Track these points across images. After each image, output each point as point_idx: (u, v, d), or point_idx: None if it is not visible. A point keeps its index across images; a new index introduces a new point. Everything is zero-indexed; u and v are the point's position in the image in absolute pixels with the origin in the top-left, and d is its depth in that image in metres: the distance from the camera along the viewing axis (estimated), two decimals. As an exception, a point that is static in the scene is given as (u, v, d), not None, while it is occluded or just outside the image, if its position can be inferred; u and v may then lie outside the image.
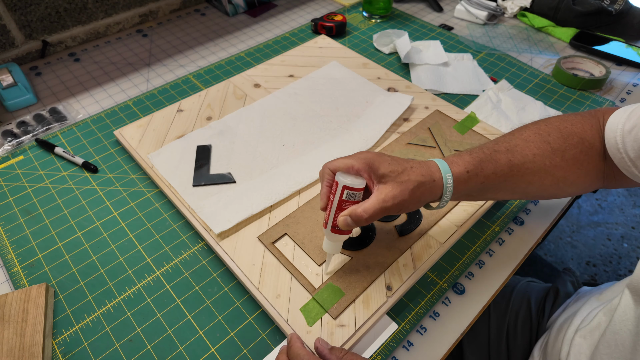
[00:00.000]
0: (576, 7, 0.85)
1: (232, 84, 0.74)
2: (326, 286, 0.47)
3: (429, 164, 0.42)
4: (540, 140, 0.44)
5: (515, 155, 0.43)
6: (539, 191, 0.46)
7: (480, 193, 0.44)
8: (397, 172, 0.40)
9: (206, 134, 0.64)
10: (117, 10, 0.88)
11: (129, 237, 0.54)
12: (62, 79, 0.78)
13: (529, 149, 0.43)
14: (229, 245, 0.51)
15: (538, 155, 0.43)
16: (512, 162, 0.43)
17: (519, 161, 0.43)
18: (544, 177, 0.44)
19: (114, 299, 0.48)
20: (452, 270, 0.50)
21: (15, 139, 0.65)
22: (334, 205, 0.42)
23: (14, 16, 0.76)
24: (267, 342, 0.45)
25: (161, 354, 0.44)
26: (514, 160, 0.43)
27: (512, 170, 0.43)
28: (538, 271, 1.31)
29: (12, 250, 0.52)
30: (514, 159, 0.43)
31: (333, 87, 0.72)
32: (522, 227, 0.56)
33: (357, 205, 0.41)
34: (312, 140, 0.63)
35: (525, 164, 0.43)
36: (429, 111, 0.68)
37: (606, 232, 1.46)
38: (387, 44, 0.85)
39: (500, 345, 0.60)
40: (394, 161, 0.41)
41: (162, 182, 0.57)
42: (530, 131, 0.45)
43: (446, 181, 0.41)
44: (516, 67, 0.81)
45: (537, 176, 0.43)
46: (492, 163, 0.42)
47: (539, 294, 0.64)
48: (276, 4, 1.00)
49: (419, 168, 0.41)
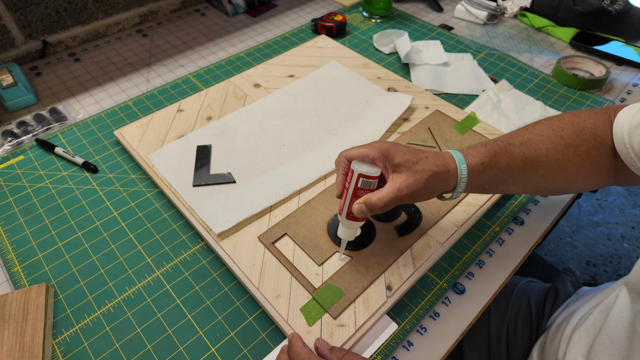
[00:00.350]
0: (576, 7, 0.85)
1: (232, 84, 0.74)
2: (326, 286, 0.47)
3: (444, 155, 0.42)
4: (554, 135, 0.44)
5: (529, 149, 0.43)
6: (551, 185, 0.46)
7: (493, 185, 0.44)
8: (412, 161, 0.41)
9: (206, 134, 0.64)
10: (117, 10, 0.88)
11: (129, 237, 0.54)
12: (62, 79, 0.78)
13: (542, 143, 0.43)
14: (229, 245, 0.51)
15: (551, 150, 0.43)
16: (525, 156, 0.43)
17: (533, 155, 0.43)
18: (557, 172, 0.44)
19: (114, 299, 0.48)
20: (452, 270, 0.50)
21: (15, 139, 0.65)
22: (350, 193, 0.43)
23: (14, 16, 0.76)
24: (267, 342, 0.45)
25: (161, 354, 0.44)
26: (528, 154, 0.43)
27: (526, 163, 0.43)
28: (538, 271, 1.31)
29: (12, 250, 0.52)
30: (527, 152, 0.43)
31: (333, 87, 0.72)
32: (522, 227, 0.56)
33: (372, 193, 0.41)
34: (312, 140, 0.63)
35: (539, 158, 0.43)
36: (429, 111, 0.68)
37: (606, 232, 1.46)
38: (387, 44, 0.85)
39: (500, 345, 0.60)
40: (409, 151, 0.42)
41: (162, 182, 0.57)
42: (544, 126, 0.45)
43: (460, 172, 0.41)
44: (516, 67, 0.81)
45: (550, 170, 0.44)
46: (507, 156, 0.43)
47: (539, 294, 0.64)
48: (276, 4, 1.00)
49: (434, 158, 0.41)
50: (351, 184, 0.42)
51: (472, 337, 0.61)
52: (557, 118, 0.46)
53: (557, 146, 0.43)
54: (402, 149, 0.42)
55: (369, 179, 0.42)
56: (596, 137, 0.44)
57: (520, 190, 0.46)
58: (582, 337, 0.45)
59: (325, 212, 0.54)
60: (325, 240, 0.51)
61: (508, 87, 0.75)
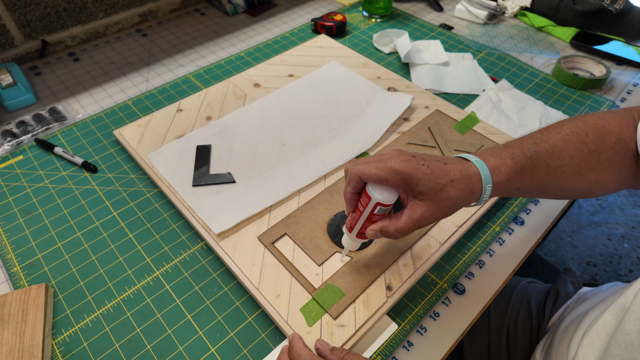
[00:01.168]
0: (576, 6, 0.85)
1: (232, 83, 0.74)
2: (326, 286, 0.47)
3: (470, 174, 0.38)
4: (579, 141, 0.42)
5: (553, 159, 0.41)
6: (569, 193, 0.44)
7: (508, 194, 0.42)
8: (436, 189, 0.37)
9: (206, 134, 0.64)
10: (116, 9, 0.88)
11: (129, 237, 0.54)
12: (61, 79, 0.78)
13: (566, 150, 0.41)
14: (229, 245, 0.51)
15: (575, 158, 0.41)
16: (549, 167, 0.41)
17: (556, 165, 0.41)
18: (577, 181, 0.42)
19: (113, 299, 0.48)
20: (452, 270, 0.50)
21: (14, 139, 0.65)
22: (364, 216, 0.40)
23: (13, 16, 0.76)
24: (267, 342, 0.45)
25: (161, 354, 0.43)
26: (552, 165, 0.41)
27: (549, 174, 0.41)
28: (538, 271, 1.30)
29: (12, 250, 0.52)
30: (552, 162, 0.41)
31: (333, 86, 0.72)
32: (522, 227, 0.56)
33: (390, 222, 0.39)
34: (312, 140, 0.63)
35: (562, 167, 0.41)
36: (429, 111, 0.68)
37: (606, 232, 1.46)
38: (387, 43, 0.85)
39: (500, 346, 0.60)
40: (433, 175, 0.37)
41: (162, 182, 0.57)
42: (568, 129, 0.43)
43: (484, 191, 0.38)
44: (516, 66, 0.81)
45: (571, 180, 0.42)
46: (532, 169, 0.40)
47: (539, 295, 0.64)
48: (276, 3, 1.00)
49: (460, 182, 0.38)
50: (366, 209, 0.40)
51: (472, 337, 0.61)
52: (580, 120, 0.43)
53: (581, 153, 0.41)
54: (425, 172, 0.37)
55: (386, 207, 0.39)
56: (620, 142, 0.42)
57: (535, 196, 0.45)
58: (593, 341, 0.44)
59: (325, 212, 0.54)
60: (325, 240, 0.51)
61: (508, 87, 0.75)
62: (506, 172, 0.39)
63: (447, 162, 0.38)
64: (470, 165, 0.39)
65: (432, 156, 0.39)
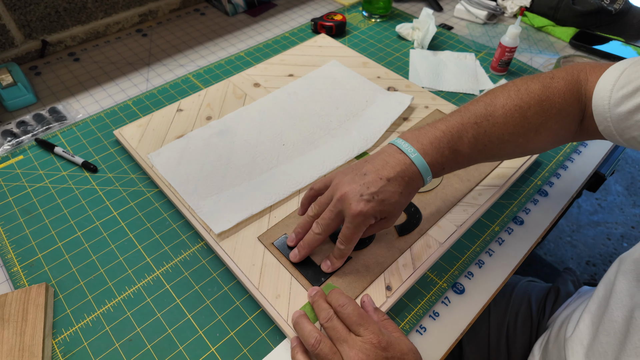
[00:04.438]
0: (576, 6, 0.85)
1: (232, 83, 0.74)
2: (326, 286, 0.47)
3: (413, 178, 0.42)
4: (520, 116, 0.43)
5: (492, 140, 0.43)
6: (505, 159, 0.52)
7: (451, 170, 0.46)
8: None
9: (206, 134, 0.64)
10: (116, 9, 0.88)
11: (129, 236, 0.54)
12: (61, 79, 0.78)
13: (507, 127, 0.43)
14: (229, 245, 0.51)
15: (514, 135, 0.43)
16: (486, 148, 0.43)
17: (494, 144, 0.43)
18: (514, 152, 0.46)
19: (113, 299, 0.48)
20: (452, 270, 0.50)
21: (14, 139, 0.65)
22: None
23: (13, 16, 0.76)
24: (267, 341, 0.45)
25: (161, 354, 0.44)
26: (489, 146, 0.43)
27: (486, 154, 0.44)
28: (538, 271, 1.31)
29: (12, 250, 0.52)
30: (489, 144, 0.43)
31: (333, 86, 0.72)
32: (522, 226, 0.56)
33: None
34: (312, 140, 0.63)
35: (500, 145, 0.43)
36: (429, 110, 0.68)
37: (606, 231, 1.46)
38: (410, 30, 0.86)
39: (500, 345, 0.60)
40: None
41: (162, 182, 0.57)
42: (513, 102, 0.43)
43: (426, 181, 0.43)
44: (516, 66, 0.81)
45: (509, 152, 0.45)
46: (468, 155, 0.43)
47: (539, 294, 0.64)
48: (276, 3, 1.00)
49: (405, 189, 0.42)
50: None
51: (472, 336, 0.61)
52: (526, 90, 0.43)
53: (521, 129, 0.43)
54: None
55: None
56: (562, 112, 0.43)
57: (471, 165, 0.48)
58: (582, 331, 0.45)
59: (325, 212, 0.54)
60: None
61: (508, 87, 0.75)
62: (443, 162, 0.42)
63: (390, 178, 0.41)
64: (411, 166, 0.42)
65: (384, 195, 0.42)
